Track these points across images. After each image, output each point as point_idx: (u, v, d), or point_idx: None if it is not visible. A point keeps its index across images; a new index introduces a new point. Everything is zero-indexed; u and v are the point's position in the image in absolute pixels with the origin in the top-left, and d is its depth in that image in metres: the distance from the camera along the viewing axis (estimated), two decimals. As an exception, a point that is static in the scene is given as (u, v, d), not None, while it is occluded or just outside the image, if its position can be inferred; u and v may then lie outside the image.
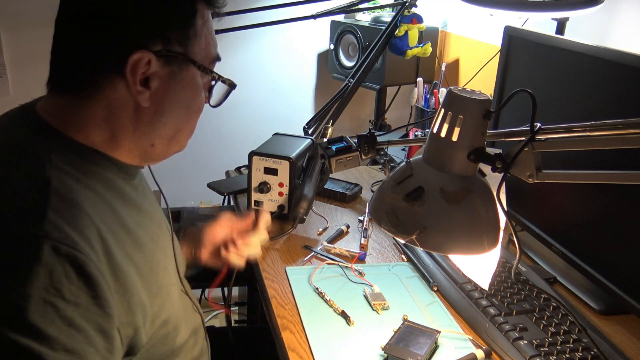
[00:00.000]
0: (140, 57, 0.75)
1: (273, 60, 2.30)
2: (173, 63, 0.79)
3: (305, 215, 1.33)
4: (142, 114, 0.80)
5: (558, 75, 1.19)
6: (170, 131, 0.84)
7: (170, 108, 0.81)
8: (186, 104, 0.84)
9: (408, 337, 0.99)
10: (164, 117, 0.81)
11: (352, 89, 1.68)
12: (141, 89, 0.77)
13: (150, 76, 0.77)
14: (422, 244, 0.77)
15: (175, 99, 0.81)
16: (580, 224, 1.16)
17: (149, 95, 0.78)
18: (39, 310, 0.63)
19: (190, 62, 0.81)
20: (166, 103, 0.81)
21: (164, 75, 0.79)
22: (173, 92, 0.81)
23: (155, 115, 0.81)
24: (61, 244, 0.66)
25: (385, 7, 2.12)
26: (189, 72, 0.81)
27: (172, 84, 0.80)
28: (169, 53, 0.78)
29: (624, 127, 0.69)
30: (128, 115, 0.79)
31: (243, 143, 1.64)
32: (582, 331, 1.00)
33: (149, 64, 0.76)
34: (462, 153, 0.77)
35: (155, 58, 0.76)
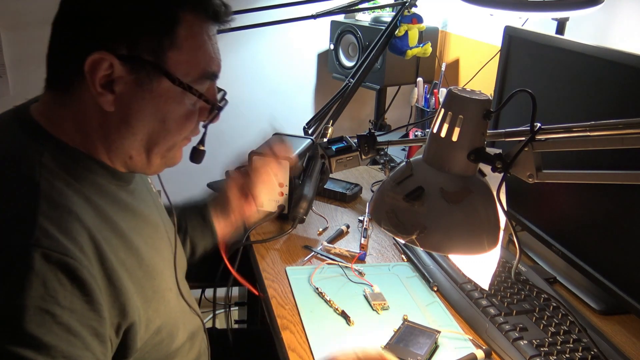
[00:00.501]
0: (100, 57, 0.73)
1: (273, 60, 2.30)
2: (140, 71, 0.76)
3: (305, 215, 1.33)
4: (109, 119, 0.78)
5: (558, 75, 1.19)
6: (142, 142, 0.81)
7: (139, 118, 0.78)
8: (160, 117, 0.79)
9: (408, 337, 0.99)
10: (131, 127, 0.79)
11: (352, 89, 1.68)
12: (102, 92, 0.75)
13: (114, 80, 0.75)
14: (422, 244, 0.77)
15: (145, 109, 0.78)
16: (580, 224, 1.16)
17: (113, 99, 0.76)
18: (36, 320, 0.63)
19: (163, 73, 0.76)
20: (133, 111, 0.78)
21: (130, 82, 0.76)
22: (141, 101, 0.77)
23: (122, 123, 0.78)
24: (52, 251, 0.66)
25: (385, 7, 2.12)
26: (160, 84, 0.77)
27: (139, 92, 0.77)
28: (136, 59, 0.75)
29: (624, 127, 0.69)
30: (96, 118, 0.78)
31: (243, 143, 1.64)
32: (582, 331, 1.00)
33: (111, 67, 0.74)
34: (462, 153, 0.77)
35: (118, 62, 0.74)
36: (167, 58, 0.76)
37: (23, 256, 0.64)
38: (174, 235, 0.99)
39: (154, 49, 0.75)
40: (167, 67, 0.77)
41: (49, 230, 0.67)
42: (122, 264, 0.77)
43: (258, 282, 1.22)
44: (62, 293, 0.66)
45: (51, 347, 0.64)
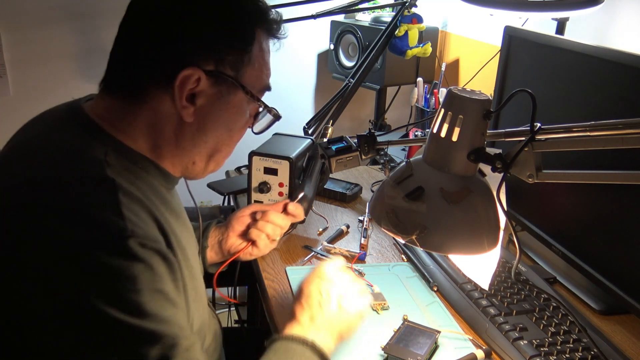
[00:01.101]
0: (191, 73, 0.77)
1: (273, 60, 2.30)
2: (222, 85, 0.80)
3: (305, 215, 1.33)
4: (185, 128, 0.81)
5: (558, 75, 1.19)
6: (209, 150, 0.85)
7: (213, 127, 0.83)
8: (229, 125, 0.85)
9: (408, 337, 0.99)
10: (205, 135, 0.83)
11: (352, 89, 1.68)
12: (186, 104, 0.78)
13: (197, 93, 0.78)
14: (422, 244, 0.77)
15: (219, 119, 0.83)
16: (580, 224, 1.16)
17: (193, 111, 0.79)
18: (153, 299, 0.67)
19: (240, 87, 0.82)
20: (209, 122, 0.82)
21: (211, 95, 0.80)
22: (217, 112, 0.82)
23: (198, 132, 0.82)
24: (145, 239, 0.69)
25: (385, 7, 2.12)
26: (236, 96, 0.82)
27: (217, 104, 0.81)
28: (220, 75, 0.79)
29: (624, 127, 0.69)
30: (171, 127, 0.81)
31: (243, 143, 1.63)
32: (582, 331, 1.00)
33: (198, 81, 0.77)
34: (462, 153, 0.77)
35: (205, 77, 0.78)
36: (243, 72, 0.82)
37: (125, 248, 0.67)
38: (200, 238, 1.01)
39: (235, 65, 0.80)
40: (243, 81, 0.82)
41: (135, 221, 0.70)
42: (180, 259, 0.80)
43: (258, 282, 1.22)
44: (164, 274, 0.71)
45: (169, 320, 0.69)
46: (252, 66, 0.83)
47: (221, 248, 1.18)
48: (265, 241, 1.17)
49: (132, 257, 0.67)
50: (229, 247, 1.17)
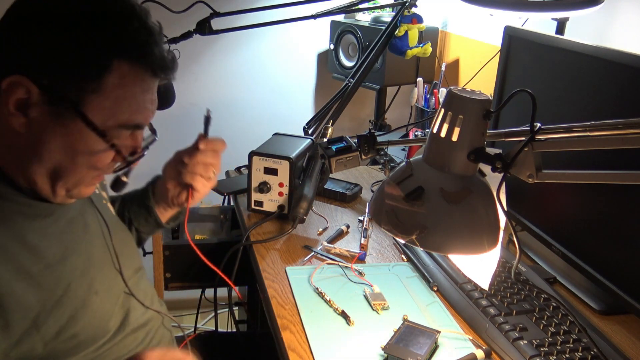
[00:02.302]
0: (17, 81, 0.74)
1: (273, 60, 2.30)
2: (58, 104, 0.76)
3: (305, 215, 1.33)
4: (18, 140, 0.78)
5: (558, 75, 1.19)
6: (47, 171, 0.81)
7: (47, 148, 0.79)
8: (69, 152, 0.80)
9: (408, 337, 0.99)
10: (38, 155, 0.79)
11: (352, 89, 1.68)
12: (14, 112, 0.76)
13: (30, 105, 0.76)
14: (422, 244, 0.77)
15: (53, 141, 0.78)
16: (580, 224, 1.16)
17: (25, 122, 0.77)
18: None
19: (78, 114, 0.77)
20: (43, 139, 0.78)
21: (45, 112, 0.77)
22: (51, 134, 0.78)
23: (30, 148, 0.79)
24: None
25: (385, 7, 2.12)
26: (76, 124, 0.78)
27: (51, 124, 0.77)
28: (55, 93, 0.76)
29: (624, 127, 0.69)
30: (7, 136, 0.78)
31: (243, 143, 1.64)
32: (582, 331, 1.00)
33: (29, 93, 0.75)
34: (462, 153, 0.77)
35: (37, 90, 0.75)
36: (89, 100, 0.77)
37: None
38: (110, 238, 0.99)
39: (76, 88, 0.76)
40: (84, 109, 0.77)
41: None
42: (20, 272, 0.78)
43: (258, 282, 1.22)
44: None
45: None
46: (102, 97, 0.77)
47: (166, 202, 1.17)
48: (202, 181, 1.14)
49: None
50: (170, 198, 1.16)
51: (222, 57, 2.24)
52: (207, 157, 1.14)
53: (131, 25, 0.78)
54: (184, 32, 1.54)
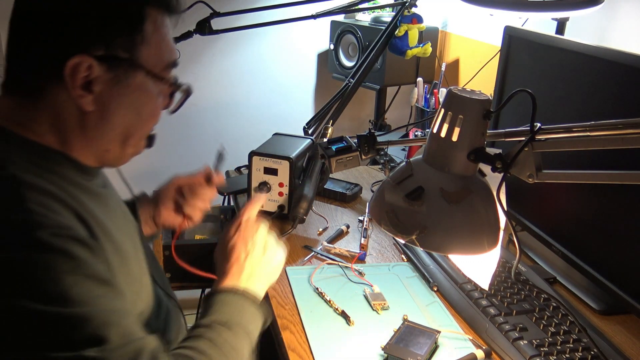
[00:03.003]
0: (80, 61, 0.75)
1: (273, 60, 2.30)
2: (117, 68, 0.79)
3: (305, 215, 1.33)
4: (89, 118, 0.80)
5: (558, 75, 1.19)
6: (120, 136, 0.84)
7: (117, 113, 0.81)
8: (136, 109, 0.83)
9: (408, 337, 0.99)
10: (110, 122, 0.81)
11: (352, 89, 1.68)
12: (82, 93, 0.77)
13: (93, 80, 0.77)
14: (422, 244, 0.77)
15: (123, 104, 0.81)
16: (580, 224, 1.16)
17: (92, 99, 0.78)
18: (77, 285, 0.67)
19: (138, 68, 0.80)
20: (112, 108, 0.80)
21: (108, 80, 0.78)
22: (119, 97, 0.80)
23: (102, 120, 0.81)
24: (57, 228, 0.69)
25: (385, 7, 2.12)
26: (136, 78, 0.81)
27: (117, 89, 0.80)
28: (113, 58, 0.78)
29: (624, 127, 0.69)
30: (74, 118, 0.79)
31: (243, 143, 1.64)
32: (582, 331, 1.00)
33: (90, 69, 0.76)
34: (462, 153, 0.77)
35: (97, 63, 0.76)
36: (140, 53, 0.80)
37: (35, 241, 0.67)
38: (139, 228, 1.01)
39: (127, 47, 0.79)
40: (141, 62, 0.80)
41: (44, 213, 0.70)
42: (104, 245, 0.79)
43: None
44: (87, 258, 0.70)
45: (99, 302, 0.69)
46: (148, 45, 0.80)
47: (155, 222, 1.17)
48: (199, 213, 1.17)
49: (44, 248, 0.67)
50: (163, 222, 1.17)
51: (222, 57, 2.24)
52: (212, 193, 1.16)
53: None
54: (184, 32, 1.54)
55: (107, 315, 0.69)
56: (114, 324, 0.69)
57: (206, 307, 0.87)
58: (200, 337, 0.81)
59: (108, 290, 0.71)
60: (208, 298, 0.88)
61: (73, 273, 0.68)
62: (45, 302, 0.65)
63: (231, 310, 0.87)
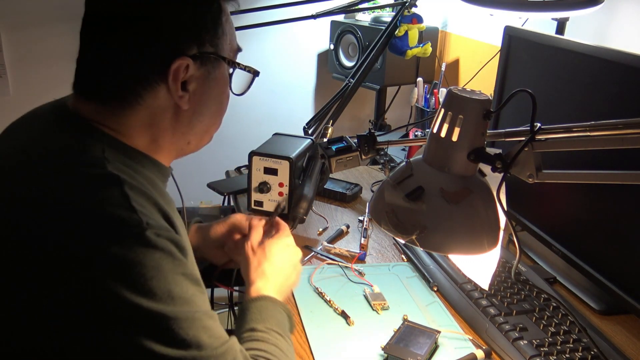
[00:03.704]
0: (180, 64, 0.77)
1: (273, 60, 2.30)
2: (207, 63, 0.82)
3: (305, 215, 1.33)
4: (182, 116, 0.82)
5: (558, 75, 1.19)
6: (205, 127, 0.88)
7: (207, 105, 0.85)
8: (219, 99, 0.87)
9: (408, 337, 0.99)
10: (201, 115, 0.85)
11: (352, 89, 1.68)
12: (182, 94, 0.80)
13: (188, 79, 0.80)
14: (422, 244, 0.77)
15: (211, 97, 0.85)
16: (580, 224, 1.16)
17: (188, 97, 0.81)
18: (179, 284, 0.70)
19: (221, 59, 0.83)
20: (203, 102, 0.84)
21: (200, 76, 0.81)
22: (208, 91, 0.84)
23: (194, 115, 0.84)
24: (158, 229, 0.70)
25: (385, 7, 2.12)
26: (220, 69, 0.84)
27: (207, 82, 0.83)
28: (204, 55, 0.80)
29: (624, 127, 0.69)
30: (168, 119, 0.82)
31: (243, 143, 1.64)
32: (582, 331, 1.00)
33: (187, 69, 0.78)
34: (462, 153, 0.77)
35: (192, 62, 0.79)
36: (221, 45, 0.83)
37: (145, 239, 0.68)
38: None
39: (213, 41, 0.82)
40: (223, 52, 0.84)
41: (145, 213, 0.71)
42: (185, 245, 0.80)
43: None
44: (182, 258, 0.73)
45: (195, 302, 0.72)
46: (225, 35, 0.84)
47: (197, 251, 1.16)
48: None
49: (152, 246, 0.68)
50: (205, 254, 1.15)
51: (222, 57, 2.24)
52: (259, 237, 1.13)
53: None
54: (184, 32, 1.54)
55: (202, 316, 0.72)
56: (208, 324, 0.72)
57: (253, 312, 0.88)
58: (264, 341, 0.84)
59: (200, 290, 0.74)
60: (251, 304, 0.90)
61: (175, 272, 0.70)
62: (152, 298, 0.67)
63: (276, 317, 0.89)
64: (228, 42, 0.85)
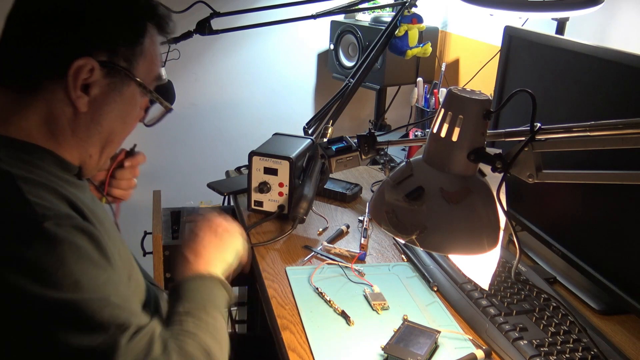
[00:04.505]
0: (84, 63, 0.78)
1: (273, 60, 2.30)
2: (115, 76, 0.82)
3: (305, 215, 1.33)
4: (80, 118, 0.83)
5: (558, 75, 1.19)
6: (103, 141, 0.87)
7: (107, 117, 0.85)
8: (122, 117, 0.87)
9: (408, 337, 0.99)
10: (100, 125, 0.85)
11: (352, 89, 1.68)
12: (80, 94, 0.80)
13: (91, 83, 0.80)
14: (422, 244, 0.77)
15: (113, 110, 0.85)
16: (580, 224, 1.16)
17: (88, 101, 0.81)
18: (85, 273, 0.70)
19: (133, 78, 0.84)
20: (104, 112, 0.84)
21: (105, 85, 0.82)
22: (112, 103, 0.84)
23: (92, 122, 0.84)
24: (58, 218, 0.71)
25: (385, 7, 2.12)
26: (129, 88, 0.85)
27: (112, 95, 0.83)
28: (113, 66, 0.81)
29: (624, 127, 0.69)
30: (66, 117, 0.82)
31: (243, 143, 1.64)
32: (582, 331, 1.00)
33: (91, 72, 0.79)
34: (462, 153, 0.77)
35: (98, 67, 0.80)
36: (136, 64, 0.84)
37: (43, 232, 0.69)
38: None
39: (128, 57, 0.83)
40: (136, 73, 0.84)
41: (43, 204, 0.72)
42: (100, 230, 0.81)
43: (258, 282, 1.22)
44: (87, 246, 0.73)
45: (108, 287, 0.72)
46: (144, 58, 0.85)
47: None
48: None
49: (53, 238, 0.69)
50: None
51: (222, 57, 2.24)
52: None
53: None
54: (184, 32, 1.54)
55: (116, 301, 0.72)
56: (123, 309, 0.72)
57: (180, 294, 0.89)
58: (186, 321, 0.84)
59: (111, 275, 0.74)
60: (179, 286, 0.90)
61: (80, 261, 0.70)
62: (60, 289, 0.67)
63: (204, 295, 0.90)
64: (147, 67, 0.86)
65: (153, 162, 1.15)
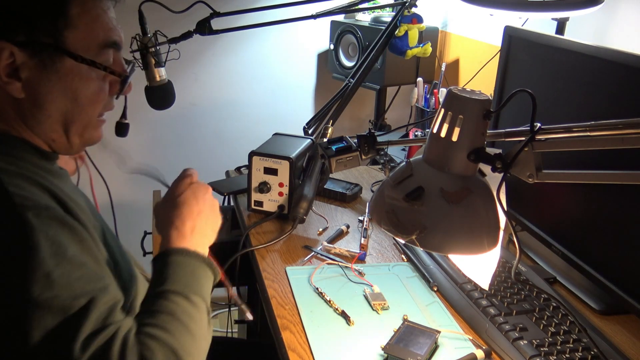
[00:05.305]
0: (1, 48, 0.75)
1: (273, 60, 2.30)
2: (41, 54, 0.78)
3: (305, 215, 1.33)
4: (22, 105, 0.80)
5: (558, 75, 1.19)
6: (59, 123, 0.83)
7: (50, 99, 0.81)
8: (71, 95, 0.82)
9: (408, 337, 0.99)
10: (45, 110, 0.81)
11: (352, 89, 1.68)
12: (8, 80, 0.77)
13: (19, 67, 0.77)
14: (422, 244, 0.77)
15: (53, 90, 0.80)
16: (580, 224, 1.16)
17: (21, 86, 0.78)
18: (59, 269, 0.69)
19: (64, 52, 0.79)
20: (43, 94, 0.80)
21: (34, 66, 0.78)
22: (49, 83, 0.80)
23: (36, 107, 0.81)
24: (37, 209, 0.70)
25: (385, 7, 2.12)
26: (64, 63, 0.79)
27: (45, 74, 0.79)
28: (35, 44, 0.77)
29: (624, 127, 0.69)
30: (9, 106, 0.80)
31: (243, 143, 1.64)
32: (582, 331, 1.00)
33: (13, 56, 0.76)
34: (462, 153, 0.77)
35: (18, 49, 0.76)
36: (65, 37, 0.79)
37: (20, 222, 0.69)
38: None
39: (50, 31, 0.78)
40: (66, 46, 0.79)
41: (23, 194, 0.71)
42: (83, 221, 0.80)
43: (258, 282, 1.22)
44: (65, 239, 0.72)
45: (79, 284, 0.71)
46: (75, 29, 0.79)
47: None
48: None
49: (29, 230, 0.69)
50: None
51: (222, 57, 2.24)
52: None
53: None
54: (184, 32, 1.54)
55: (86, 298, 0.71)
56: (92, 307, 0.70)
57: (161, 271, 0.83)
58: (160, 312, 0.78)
59: (85, 271, 0.73)
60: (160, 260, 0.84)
61: (55, 256, 0.69)
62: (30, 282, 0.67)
63: (187, 276, 0.83)
64: (82, 38, 0.80)
65: (153, 162, 1.14)
